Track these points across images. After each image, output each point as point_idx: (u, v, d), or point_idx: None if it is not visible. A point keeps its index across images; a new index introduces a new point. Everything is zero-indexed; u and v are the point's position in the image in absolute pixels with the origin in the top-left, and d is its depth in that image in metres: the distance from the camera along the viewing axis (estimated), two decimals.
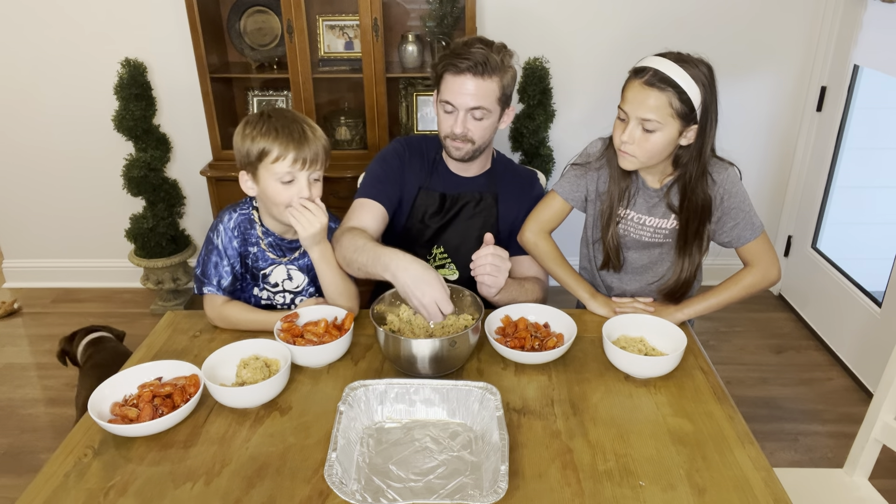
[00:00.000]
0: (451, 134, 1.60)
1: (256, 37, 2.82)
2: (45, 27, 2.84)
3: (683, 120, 1.42)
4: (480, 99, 1.55)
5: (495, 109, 1.59)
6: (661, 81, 1.39)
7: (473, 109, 1.56)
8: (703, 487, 1.09)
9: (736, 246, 1.59)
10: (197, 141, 3.00)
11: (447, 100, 1.57)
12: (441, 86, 1.59)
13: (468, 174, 1.74)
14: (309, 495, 1.08)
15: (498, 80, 1.55)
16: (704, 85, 1.41)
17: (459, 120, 1.57)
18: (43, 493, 1.09)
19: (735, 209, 1.54)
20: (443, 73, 1.57)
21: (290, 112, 1.52)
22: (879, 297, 2.51)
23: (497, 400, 1.20)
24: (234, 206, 1.60)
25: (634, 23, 2.82)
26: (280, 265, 1.61)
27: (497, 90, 1.56)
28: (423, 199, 1.72)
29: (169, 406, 1.24)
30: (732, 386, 2.58)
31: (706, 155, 1.48)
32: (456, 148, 1.63)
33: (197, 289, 1.56)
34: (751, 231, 1.56)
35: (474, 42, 1.55)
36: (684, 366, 1.40)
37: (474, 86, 1.53)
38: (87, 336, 2.18)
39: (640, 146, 1.45)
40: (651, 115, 1.41)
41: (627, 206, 1.61)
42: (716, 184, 1.52)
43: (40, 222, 3.25)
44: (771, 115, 3.01)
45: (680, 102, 1.40)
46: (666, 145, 1.45)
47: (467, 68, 1.52)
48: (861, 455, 1.48)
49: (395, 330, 1.43)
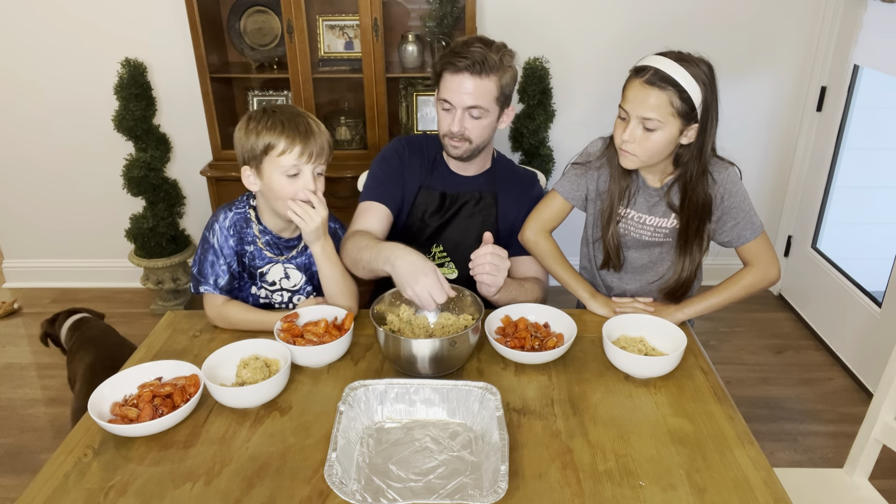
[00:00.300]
0: (449, 132, 1.61)
1: (256, 37, 2.82)
2: (46, 27, 2.84)
3: (684, 119, 1.42)
4: (478, 98, 1.55)
5: (493, 109, 1.59)
6: (662, 80, 1.40)
7: (471, 108, 1.56)
8: (703, 487, 1.09)
9: (736, 245, 1.59)
10: (197, 141, 3.00)
11: (445, 98, 1.58)
12: (440, 84, 1.60)
13: (468, 173, 1.74)
14: (309, 495, 1.08)
15: (496, 79, 1.55)
16: (705, 84, 1.41)
17: (457, 118, 1.58)
18: (43, 493, 1.09)
19: (735, 209, 1.54)
20: (441, 71, 1.58)
21: (292, 107, 1.53)
22: (879, 297, 2.51)
23: (497, 400, 1.20)
24: (230, 205, 1.59)
25: (634, 22, 2.82)
26: (277, 264, 1.61)
27: (495, 89, 1.56)
28: (423, 197, 1.72)
29: (169, 406, 1.24)
30: (732, 386, 2.58)
31: (707, 154, 1.48)
32: (454, 146, 1.64)
33: (193, 287, 1.56)
34: (751, 231, 1.56)
35: (474, 41, 1.55)
36: (684, 366, 1.40)
37: (472, 85, 1.54)
38: (69, 318, 2.18)
39: (641, 145, 1.45)
40: (652, 113, 1.41)
41: (628, 205, 1.61)
42: (716, 183, 1.52)
43: (40, 222, 3.25)
44: (771, 115, 3.01)
45: (680, 101, 1.40)
46: (667, 144, 1.46)
47: (465, 67, 1.52)
48: (861, 455, 1.48)
49: (395, 330, 1.43)
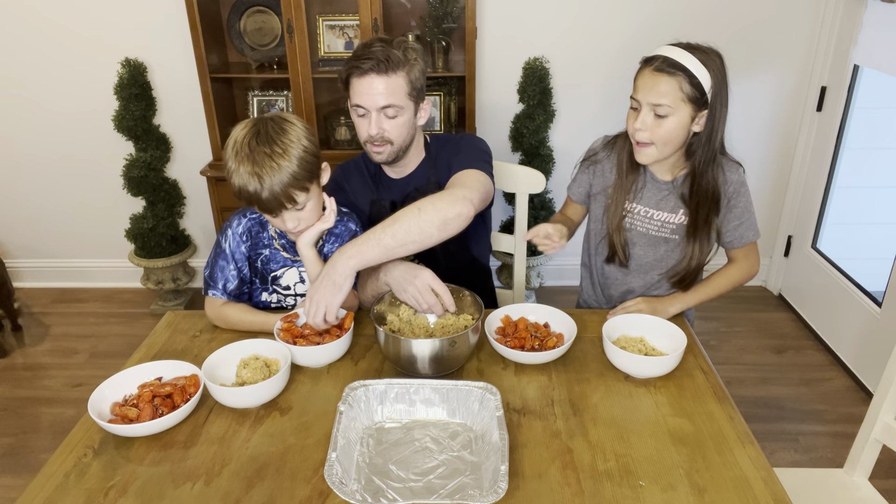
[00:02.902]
0: (369, 137, 1.58)
1: (256, 37, 2.82)
2: (46, 27, 2.84)
3: (695, 104, 1.43)
4: (389, 96, 1.53)
5: (407, 105, 1.57)
6: (671, 66, 1.42)
7: (384, 108, 1.54)
8: (703, 487, 1.09)
9: (737, 246, 1.61)
10: (197, 141, 3.00)
11: (357, 103, 1.55)
12: (349, 92, 1.56)
13: (406, 173, 1.72)
14: (309, 495, 1.08)
15: (404, 74, 1.53)
16: (714, 70, 1.43)
17: (373, 122, 1.55)
18: (43, 493, 1.09)
19: (741, 209, 1.56)
20: (348, 78, 1.55)
21: (273, 141, 1.38)
22: (879, 297, 2.51)
23: (497, 400, 1.20)
24: (246, 210, 1.58)
25: (634, 22, 2.82)
26: (293, 267, 1.60)
27: (405, 85, 1.55)
28: (376, 211, 1.71)
29: (169, 406, 1.24)
30: (732, 386, 2.58)
31: (716, 141, 1.49)
32: (376, 152, 1.60)
33: (204, 290, 1.57)
34: (753, 232, 1.59)
35: (374, 42, 1.54)
36: (684, 366, 1.40)
37: (381, 84, 1.52)
38: None
39: (654, 132, 1.46)
40: (662, 99, 1.42)
41: (634, 199, 1.61)
42: (727, 181, 1.54)
43: (40, 222, 3.25)
44: (771, 115, 3.01)
45: (690, 86, 1.41)
46: (679, 131, 1.46)
47: (370, 68, 1.50)
48: (861, 455, 1.48)
49: (395, 330, 1.43)
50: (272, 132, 1.38)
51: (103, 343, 2.92)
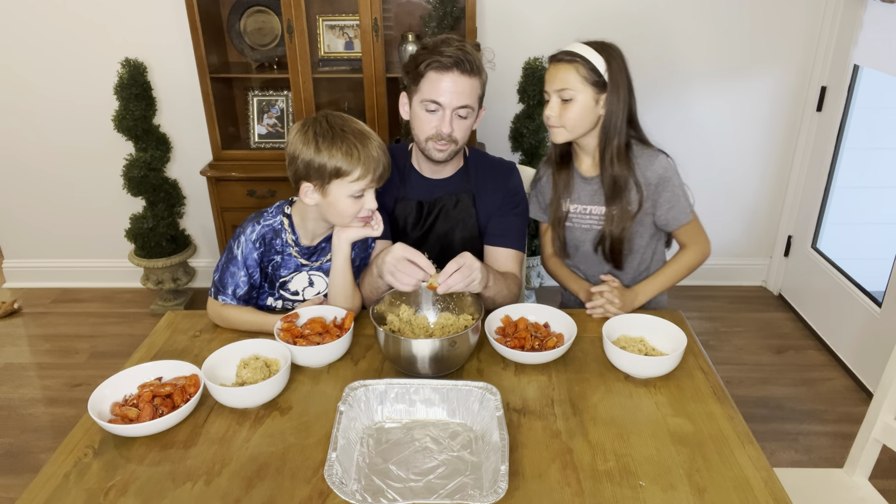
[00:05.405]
0: (437, 135, 1.55)
1: (256, 37, 2.82)
2: (46, 27, 2.84)
3: (595, 86, 1.58)
4: (467, 97, 1.53)
5: (476, 108, 1.58)
6: (568, 55, 1.58)
7: (459, 108, 1.53)
8: (703, 487, 1.09)
9: (673, 228, 1.73)
10: (197, 141, 3.00)
11: (433, 98, 1.52)
12: (422, 84, 1.53)
13: (442, 176, 1.70)
14: (309, 495, 1.08)
15: (479, 78, 1.54)
16: (608, 56, 1.58)
17: (447, 119, 1.53)
18: (43, 493, 1.09)
19: (670, 193, 1.67)
20: (424, 70, 1.51)
21: (353, 122, 1.47)
22: (879, 297, 2.51)
23: (497, 400, 1.20)
24: (259, 217, 1.56)
25: (634, 22, 2.82)
26: (302, 272, 1.60)
27: (479, 88, 1.55)
28: (400, 209, 1.69)
29: (169, 406, 1.24)
30: (732, 386, 2.58)
31: (619, 121, 1.60)
32: (439, 150, 1.58)
33: (213, 294, 1.56)
34: (685, 215, 1.70)
35: (452, 40, 1.52)
36: (684, 366, 1.40)
37: (464, 83, 1.51)
38: None
39: (562, 117, 1.60)
40: (563, 84, 1.58)
41: (570, 198, 1.73)
42: (652, 171, 1.64)
43: (40, 222, 3.25)
44: (771, 115, 3.01)
45: (587, 70, 1.57)
46: (585, 112, 1.59)
47: (454, 65, 1.49)
48: (861, 455, 1.48)
49: (395, 330, 1.43)
50: (356, 125, 1.48)
51: (103, 343, 2.92)
